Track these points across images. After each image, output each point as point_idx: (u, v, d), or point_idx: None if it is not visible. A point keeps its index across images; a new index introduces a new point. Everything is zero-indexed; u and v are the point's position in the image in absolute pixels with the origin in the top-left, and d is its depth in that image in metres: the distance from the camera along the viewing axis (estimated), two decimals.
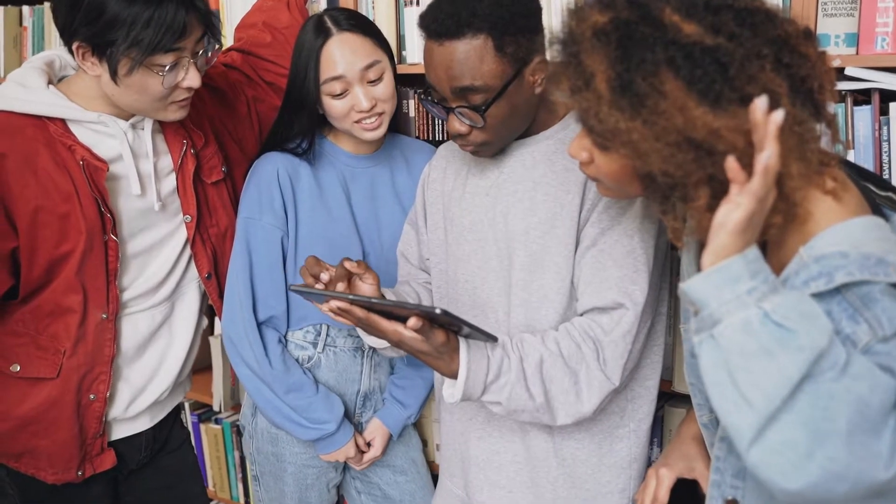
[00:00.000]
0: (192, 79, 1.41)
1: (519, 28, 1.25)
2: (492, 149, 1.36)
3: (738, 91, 0.91)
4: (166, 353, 1.66)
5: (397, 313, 1.16)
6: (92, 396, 1.55)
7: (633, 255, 1.29)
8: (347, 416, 1.70)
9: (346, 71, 1.52)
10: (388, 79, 1.57)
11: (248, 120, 1.76)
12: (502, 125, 1.31)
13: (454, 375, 1.22)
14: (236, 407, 2.43)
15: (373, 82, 1.54)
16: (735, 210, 0.89)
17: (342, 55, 1.52)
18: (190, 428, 2.45)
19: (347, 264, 1.28)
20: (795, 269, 0.96)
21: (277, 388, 1.61)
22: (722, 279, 0.89)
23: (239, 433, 2.34)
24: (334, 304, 1.16)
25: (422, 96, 1.37)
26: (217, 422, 2.42)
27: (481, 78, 1.25)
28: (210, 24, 1.42)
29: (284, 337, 1.67)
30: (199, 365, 2.35)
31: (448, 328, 1.19)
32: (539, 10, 1.31)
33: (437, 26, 1.25)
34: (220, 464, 2.44)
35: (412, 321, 1.13)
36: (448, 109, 1.30)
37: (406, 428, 1.79)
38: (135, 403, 1.63)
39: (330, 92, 1.54)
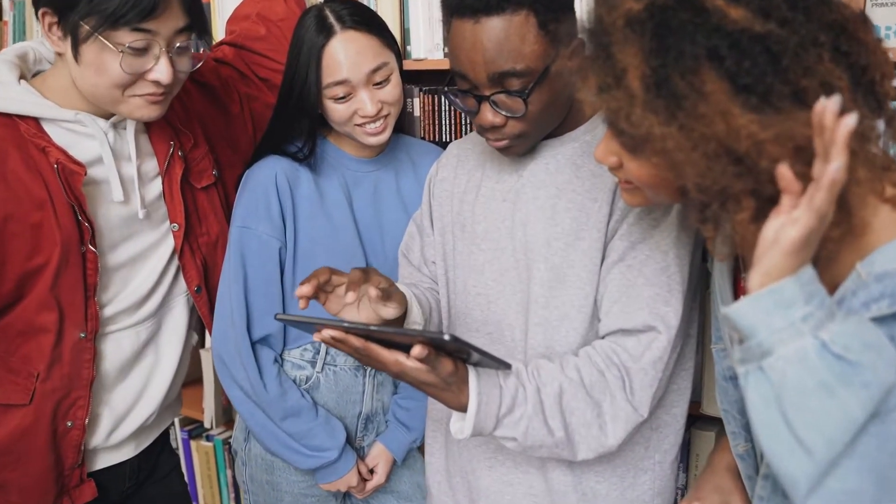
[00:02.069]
0: (160, 71, 1.28)
1: (560, 3, 1.14)
2: (527, 142, 1.24)
3: (791, 85, 0.80)
4: (152, 375, 1.54)
5: (398, 341, 1.03)
6: (69, 424, 1.42)
7: (667, 273, 1.18)
8: (348, 440, 1.59)
9: (350, 75, 1.41)
10: (396, 80, 1.47)
11: (241, 119, 1.65)
12: (542, 114, 1.19)
13: (463, 408, 1.10)
14: (229, 423, 2.34)
15: (379, 84, 1.44)
16: (791, 227, 0.78)
17: (347, 57, 1.41)
18: (180, 445, 2.36)
19: (373, 290, 1.15)
20: (852, 288, 0.86)
21: (273, 414, 1.50)
22: (773, 304, 0.79)
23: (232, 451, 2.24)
24: (327, 333, 1.04)
25: (445, 89, 1.24)
26: (208, 439, 2.34)
27: (523, 60, 1.12)
28: (197, 17, 1.30)
29: (280, 356, 1.56)
30: (190, 378, 2.26)
31: (455, 355, 1.07)
32: None
33: (472, 1, 1.12)
34: (212, 483, 2.35)
35: (417, 350, 1.00)
36: (480, 99, 1.17)
37: (411, 451, 1.68)
38: (117, 431, 1.51)
39: (332, 95, 1.43)
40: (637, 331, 1.18)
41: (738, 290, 1.10)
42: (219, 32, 2.03)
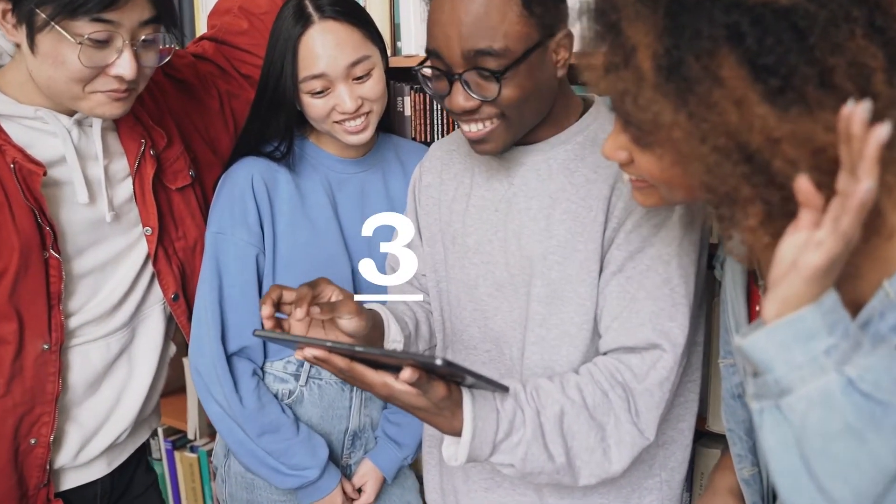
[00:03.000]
0: (123, 66, 1.19)
1: None
2: (504, 137, 1.14)
3: (817, 65, 0.71)
4: (125, 389, 1.44)
5: (385, 361, 0.96)
6: (32, 441, 1.33)
7: (670, 285, 1.10)
8: (334, 458, 1.51)
9: (328, 68, 1.33)
10: (378, 75, 1.38)
11: (222, 117, 1.57)
12: (519, 104, 1.10)
13: (457, 433, 1.01)
14: (213, 435, 2.25)
15: (359, 79, 1.36)
16: (814, 252, 0.69)
17: (324, 49, 1.33)
18: (164, 456, 2.28)
19: (315, 308, 1.06)
20: (879, 309, 0.77)
21: (250, 430, 1.42)
22: (792, 336, 0.71)
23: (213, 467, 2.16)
24: (309, 352, 0.96)
25: (415, 68, 1.15)
26: (193, 450, 2.25)
27: (502, 39, 1.04)
28: (164, 8, 1.21)
29: (262, 368, 1.48)
30: (174, 387, 2.18)
31: (448, 378, 0.99)
32: None
33: None
34: (196, 495, 2.27)
35: (406, 373, 0.92)
36: (453, 79, 1.09)
37: (402, 469, 1.60)
38: (87, 448, 1.42)
39: (309, 90, 1.35)
40: (640, 348, 1.10)
41: (752, 300, 1.02)
42: (201, 27, 1.95)
